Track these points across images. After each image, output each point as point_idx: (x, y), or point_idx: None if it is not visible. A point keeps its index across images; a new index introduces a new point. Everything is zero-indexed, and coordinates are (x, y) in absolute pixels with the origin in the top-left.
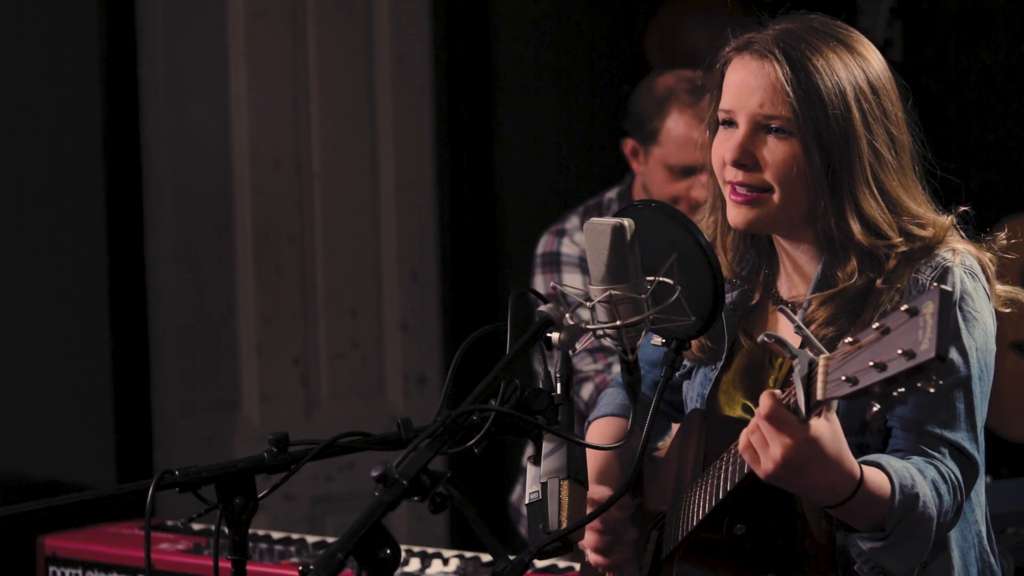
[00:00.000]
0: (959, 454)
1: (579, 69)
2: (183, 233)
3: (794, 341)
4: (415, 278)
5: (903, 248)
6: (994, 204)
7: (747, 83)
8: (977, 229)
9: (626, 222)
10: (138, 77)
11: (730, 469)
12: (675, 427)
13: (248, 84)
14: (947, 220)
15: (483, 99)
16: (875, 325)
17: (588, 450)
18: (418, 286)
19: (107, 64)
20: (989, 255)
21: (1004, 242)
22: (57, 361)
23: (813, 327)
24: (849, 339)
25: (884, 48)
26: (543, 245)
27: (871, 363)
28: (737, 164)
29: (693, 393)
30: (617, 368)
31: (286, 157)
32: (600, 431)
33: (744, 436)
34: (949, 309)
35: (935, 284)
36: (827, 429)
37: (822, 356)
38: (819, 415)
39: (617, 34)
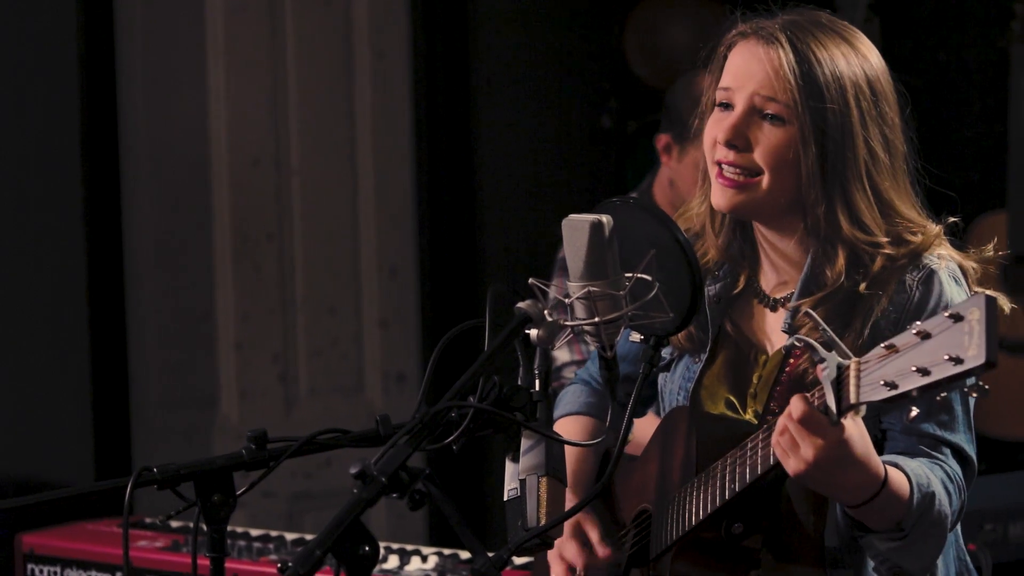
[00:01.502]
0: (959, 456)
1: (558, 66)
2: (162, 230)
3: (781, 336)
4: (394, 275)
5: (889, 251)
6: (973, 201)
7: (749, 66)
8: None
9: (604, 218)
10: (116, 74)
11: (738, 469)
12: (640, 423)
13: (226, 81)
14: (937, 228)
15: (462, 96)
16: (913, 330)
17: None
18: (397, 283)
19: (85, 60)
20: (973, 263)
21: (990, 253)
22: (35, 358)
23: (803, 331)
24: (884, 344)
25: None
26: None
27: (913, 368)
28: (728, 144)
29: (673, 386)
30: (576, 367)
31: (265, 154)
32: (564, 431)
33: (774, 436)
34: (994, 315)
35: (977, 290)
36: (856, 432)
37: (853, 360)
38: (847, 418)
39: (595, 31)
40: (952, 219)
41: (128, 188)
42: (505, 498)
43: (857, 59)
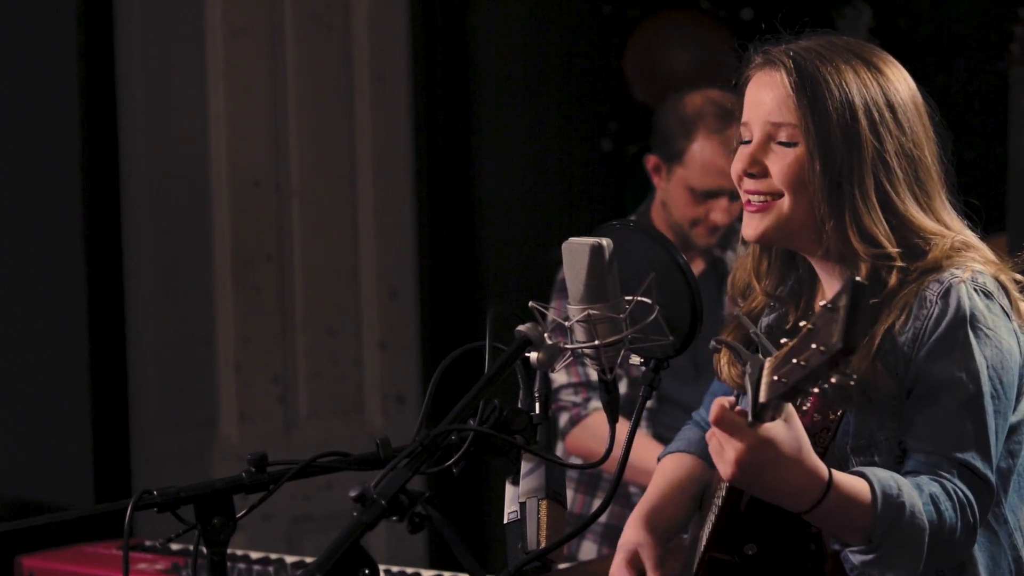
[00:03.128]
0: (970, 473)
1: (558, 89)
2: (162, 251)
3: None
4: (394, 297)
5: (901, 263)
6: (973, 222)
7: (759, 96)
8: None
9: (604, 241)
10: (117, 95)
11: (723, 491)
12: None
13: (227, 103)
14: (950, 240)
15: (462, 118)
16: (802, 324)
17: (646, 492)
18: (397, 305)
19: (86, 82)
20: (1012, 275)
21: None
22: (35, 380)
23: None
24: (784, 340)
25: None
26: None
27: (796, 360)
28: (747, 173)
29: None
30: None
31: (265, 176)
32: (666, 467)
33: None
34: (860, 300)
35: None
36: (783, 431)
37: (766, 360)
38: (772, 418)
39: (595, 53)
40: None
41: (128, 210)
42: (505, 521)
43: (871, 75)
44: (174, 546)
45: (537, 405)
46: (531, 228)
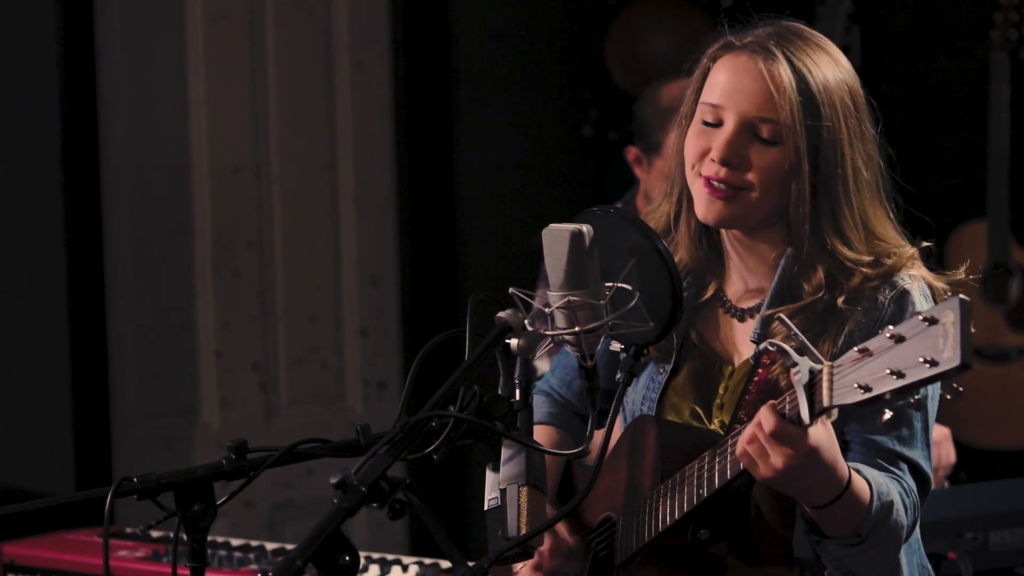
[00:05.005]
0: (915, 472)
1: (539, 75)
2: (142, 238)
3: (748, 347)
4: (374, 283)
5: (866, 270)
6: (953, 210)
7: (742, 82)
8: (937, 234)
9: (584, 228)
10: (97, 82)
11: (706, 476)
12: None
13: (207, 89)
14: (911, 251)
15: (442, 104)
16: (887, 334)
17: None
18: (377, 291)
19: (65, 69)
20: (943, 284)
21: (961, 276)
22: (15, 368)
23: (778, 339)
24: (858, 348)
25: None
26: None
27: (888, 370)
28: (723, 162)
29: (637, 396)
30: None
31: (245, 162)
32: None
33: (741, 445)
34: (968, 318)
35: (950, 294)
36: (825, 436)
37: (826, 364)
38: (821, 421)
39: (576, 39)
40: (926, 243)
41: (108, 197)
42: (486, 507)
43: (841, 73)
44: (154, 533)
45: (517, 392)
46: (512, 215)
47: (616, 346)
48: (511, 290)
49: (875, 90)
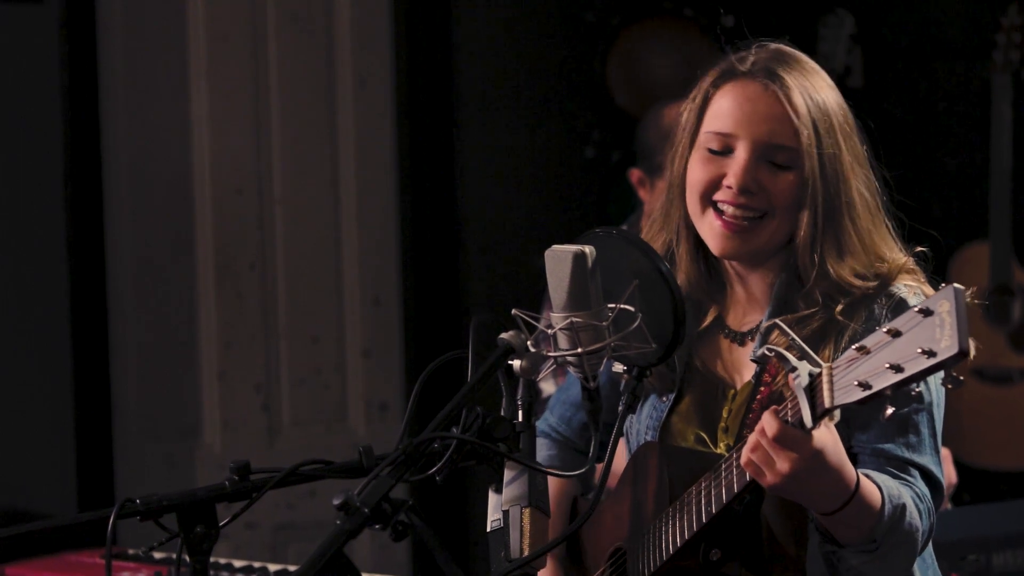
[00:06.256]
0: (927, 477)
1: (541, 96)
2: (144, 258)
3: (750, 369)
4: (377, 304)
5: (863, 283)
6: (955, 230)
7: (755, 109)
8: (938, 256)
9: (587, 249)
10: (99, 101)
11: (713, 493)
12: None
13: (209, 109)
14: (904, 260)
15: (445, 124)
16: (884, 329)
17: None
18: (380, 312)
19: (68, 88)
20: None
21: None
22: (17, 388)
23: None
24: (855, 346)
25: (845, 75)
26: None
27: (886, 365)
28: (743, 189)
29: (640, 427)
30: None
31: (247, 182)
32: None
33: (745, 454)
34: (963, 305)
35: (947, 283)
36: (829, 439)
37: (825, 365)
38: (825, 423)
39: (578, 60)
40: (920, 248)
41: (111, 217)
42: (488, 529)
43: (836, 95)
44: (157, 554)
45: (520, 413)
46: (514, 235)
47: (619, 367)
48: (514, 311)
49: (877, 110)
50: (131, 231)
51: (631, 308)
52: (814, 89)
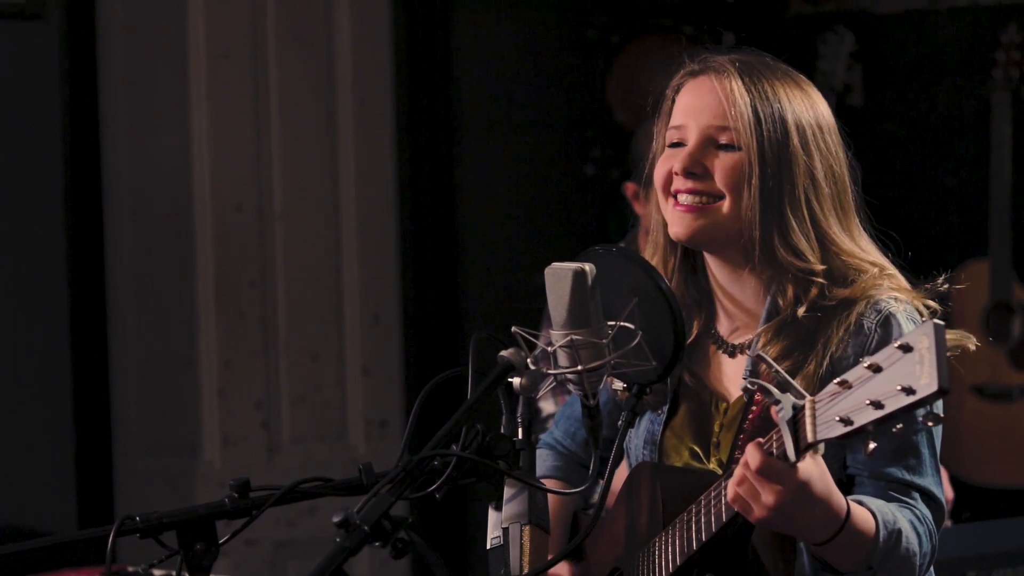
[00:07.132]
0: (928, 499)
1: (541, 114)
2: (144, 276)
3: (741, 382)
4: (377, 322)
5: (822, 280)
6: (955, 248)
7: (700, 100)
8: (938, 272)
9: (587, 267)
10: (100, 117)
11: (703, 520)
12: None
13: (209, 127)
14: (880, 260)
15: (445, 143)
16: (865, 363)
17: None
18: (380, 330)
19: (69, 104)
20: (924, 302)
21: (944, 288)
22: (17, 405)
23: (763, 377)
24: (837, 380)
25: (844, 93)
26: None
27: (867, 401)
28: (687, 173)
29: (639, 441)
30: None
31: (248, 200)
32: None
33: (731, 488)
34: (943, 341)
35: (928, 318)
36: (815, 470)
37: (807, 399)
38: (808, 456)
39: (579, 78)
40: (892, 256)
41: (111, 234)
42: (488, 547)
43: (800, 96)
44: (157, 572)
45: (520, 430)
46: (514, 253)
47: (618, 385)
48: (514, 329)
49: (877, 128)
50: (131, 248)
51: (631, 326)
52: (765, 81)
